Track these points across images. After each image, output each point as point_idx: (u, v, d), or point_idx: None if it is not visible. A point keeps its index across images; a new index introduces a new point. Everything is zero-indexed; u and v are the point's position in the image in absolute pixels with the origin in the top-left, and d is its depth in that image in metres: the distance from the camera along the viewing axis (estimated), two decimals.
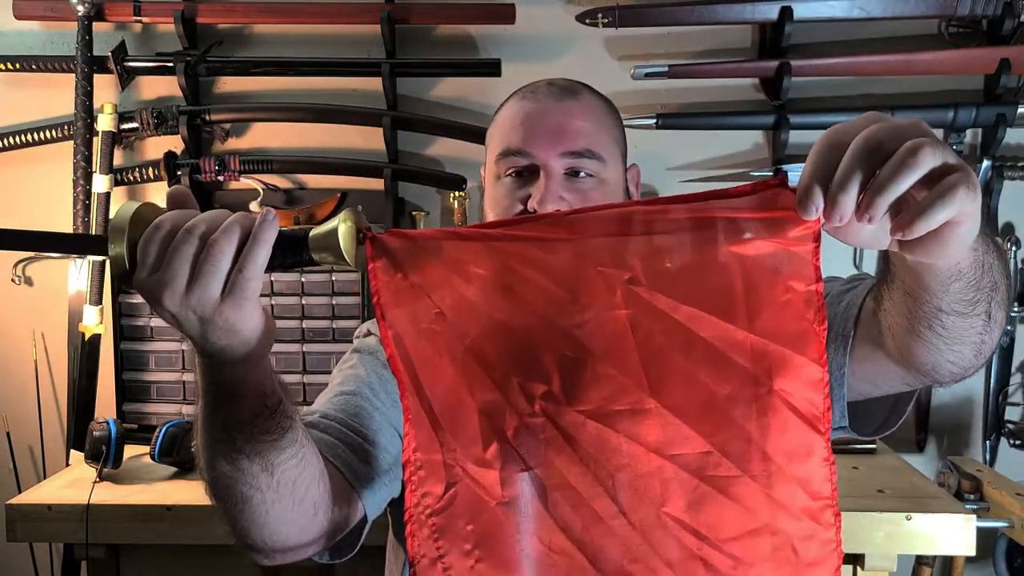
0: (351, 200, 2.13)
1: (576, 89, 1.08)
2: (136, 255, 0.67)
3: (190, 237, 0.66)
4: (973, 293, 0.71)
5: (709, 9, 2.00)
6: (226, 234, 0.66)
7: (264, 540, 0.85)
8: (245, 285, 0.66)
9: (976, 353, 0.80)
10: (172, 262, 0.66)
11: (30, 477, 2.14)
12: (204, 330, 0.69)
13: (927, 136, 0.58)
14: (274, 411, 0.76)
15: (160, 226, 0.67)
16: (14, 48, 2.13)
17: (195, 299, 0.66)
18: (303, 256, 0.70)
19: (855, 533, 1.61)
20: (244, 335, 0.70)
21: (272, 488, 0.80)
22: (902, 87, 2.07)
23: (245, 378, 0.73)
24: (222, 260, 0.65)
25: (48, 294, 2.16)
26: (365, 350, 1.10)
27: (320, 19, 2.07)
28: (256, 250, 0.66)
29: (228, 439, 0.77)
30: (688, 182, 2.12)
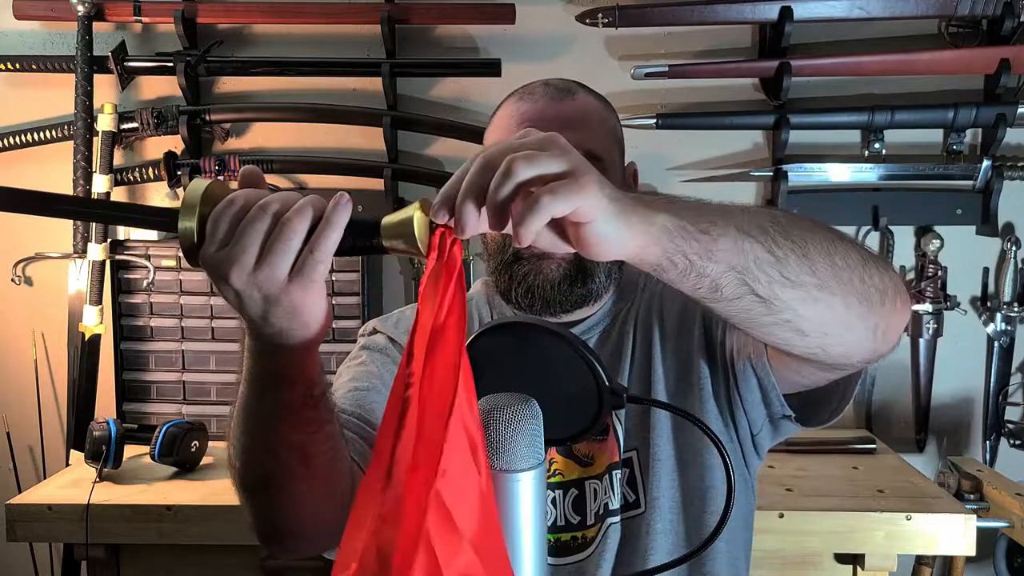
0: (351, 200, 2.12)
1: (572, 89, 1.08)
2: (205, 231, 0.67)
3: (263, 214, 0.65)
4: (704, 280, 0.68)
5: (709, 9, 2.00)
6: (299, 213, 0.65)
7: (292, 532, 0.85)
8: (314, 266, 0.66)
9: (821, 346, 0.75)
10: (243, 237, 0.65)
11: (30, 477, 2.14)
12: (266, 310, 0.68)
13: (541, 150, 0.61)
14: (318, 402, 0.76)
15: (233, 201, 0.66)
16: (14, 48, 2.13)
17: (262, 276, 0.65)
18: (373, 242, 0.69)
19: (855, 533, 1.62)
20: (305, 318, 0.69)
21: (307, 479, 0.79)
22: (902, 87, 2.07)
23: (297, 364, 0.72)
24: (294, 239, 0.65)
25: (48, 294, 2.16)
26: (374, 347, 1.10)
27: (320, 19, 2.07)
28: (328, 232, 0.66)
29: (270, 428, 0.76)
30: (688, 182, 2.12)
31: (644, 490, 1.04)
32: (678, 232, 0.66)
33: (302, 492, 0.80)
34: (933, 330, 2.10)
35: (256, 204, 0.66)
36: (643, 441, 1.05)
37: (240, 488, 0.82)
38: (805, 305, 0.72)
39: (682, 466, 1.04)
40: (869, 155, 2.06)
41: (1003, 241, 2.09)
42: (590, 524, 1.04)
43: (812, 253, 0.71)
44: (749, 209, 0.72)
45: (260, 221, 0.65)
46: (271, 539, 0.86)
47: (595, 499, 1.04)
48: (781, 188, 2.04)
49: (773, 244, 0.69)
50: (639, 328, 1.09)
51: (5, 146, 2.11)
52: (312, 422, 0.76)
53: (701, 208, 0.69)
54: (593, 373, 0.74)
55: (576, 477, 1.05)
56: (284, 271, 0.65)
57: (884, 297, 0.76)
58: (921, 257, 2.11)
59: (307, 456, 0.78)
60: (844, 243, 0.75)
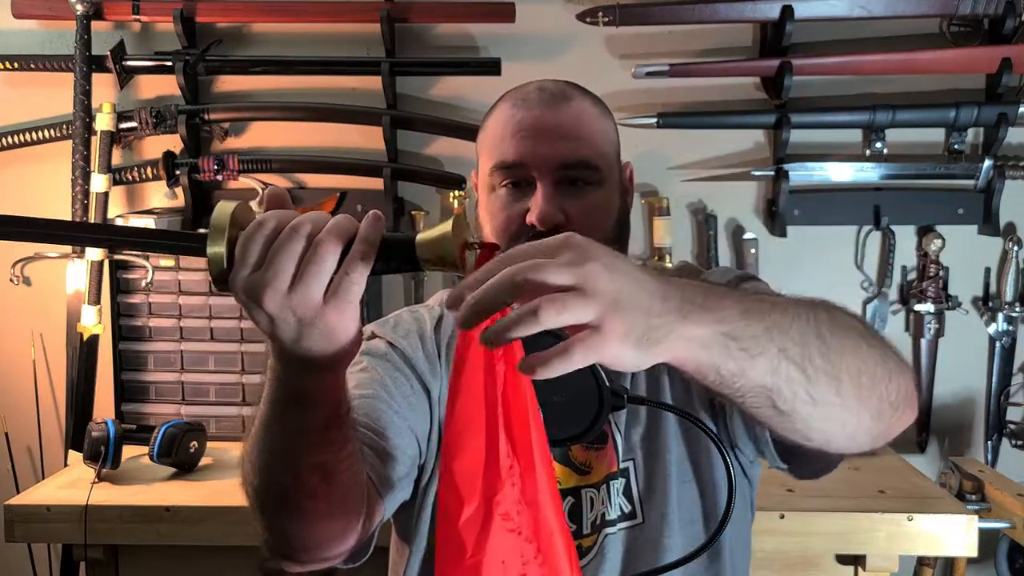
0: (351, 200, 2.12)
1: (568, 94, 1.06)
2: (234, 254, 0.66)
3: (296, 236, 0.64)
4: (730, 390, 0.66)
5: (710, 8, 2.00)
6: (333, 234, 0.64)
7: (307, 548, 0.84)
8: (350, 288, 0.65)
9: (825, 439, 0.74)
10: (276, 260, 0.64)
11: (29, 477, 2.14)
12: (300, 333, 0.66)
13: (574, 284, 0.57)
14: (342, 421, 0.75)
15: (264, 224, 0.65)
16: (13, 47, 2.13)
17: (297, 299, 0.64)
18: (408, 260, 0.68)
19: (856, 534, 1.61)
20: (340, 340, 0.68)
21: (328, 497, 0.79)
22: (903, 86, 2.07)
23: (327, 385, 0.72)
24: (328, 260, 0.64)
25: (47, 294, 2.16)
26: (375, 353, 1.08)
27: (320, 18, 2.06)
28: (363, 252, 0.65)
29: (293, 447, 0.75)
30: (689, 181, 2.12)
31: (641, 502, 1.03)
32: (715, 348, 0.62)
33: (321, 510, 0.80)
34: (934, 330, 2.09)
35: (288, 226, 0.65)
36: (647, 453, 1.04)
37: (257, 506, 0.81)
38: (820, 420, 0.71)
39: (690, 483, 1.03)
40: (870, 154, 2.06)
41: (1005, 241, 2.09)
42: (586, 533, 1.03)
43: (843, 374, 0.69)
44: (796, 315, 0.68)
45: (293, 243, 0.64)
46: (284, 555, 0.85)
47: (592, 508, 1.03)
48: (782, 187, 2.03)
49: (808, 364, 0.67)
50: None
51: (4, 146, 2.11)
52: (336, 442, 0.76)
53: (747, 316, 0.64)
54: (593, 374, 0.74)
55: (573, 485, 1.04)
56: (319, 294, 0.64)
57: (895, 412, 0.75)
58: (922, 257, 2.10)
59: (329, 475, 0.77)
60: (874, 354, 0.73)
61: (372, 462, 0.93)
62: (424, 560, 1.05)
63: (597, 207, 1.04)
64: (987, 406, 2.13)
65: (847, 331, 0.71)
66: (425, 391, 1.05)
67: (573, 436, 0.77)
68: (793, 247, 2.09)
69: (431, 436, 1.05)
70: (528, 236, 1.01)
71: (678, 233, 2.10)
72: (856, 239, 2.12)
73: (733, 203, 2.13)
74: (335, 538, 0.84)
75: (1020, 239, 2.08)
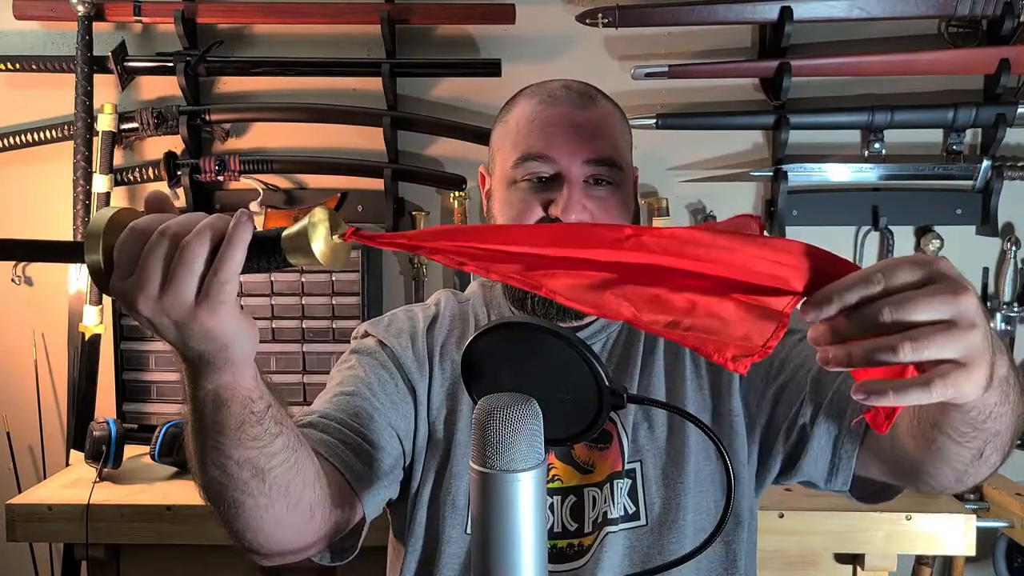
0: (351, 200, 2.13)
1: (593, 95, 1.08)
2: (113, 260, 0.66)
3: (163, 240, 0.65)
4: (970, 429, 0.72)
5: (709, 9, 2.00)
6: (199, 236, 0.65)
7: (261, 543, 0.85)
8: (220, 288, 0.65)
9: (957, 480, 0.82)
10: (145, 265, 0.65)
11: (30, 477, 2.14)
12: (181, 335, 0.68)
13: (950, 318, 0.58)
14: (262, 417, 0.76)
15: (135, 229, 0.66)
16: (14, 48, 2.13)
17: (169, 303, 0.65)
18: (277, 257, 0.68)
19: (855, 533, 1.62)
20: (222, 340, 0.68)
21: (264, 493, 0.80)
22: (902, 87, 2.07)
23: (229, 384, 0.72)
24: (195, 262, 0.64)
25: (48, 294, 2.16)
26: (364, 351, 1.10)
27: (320, 19, 2.07)
28: (231, 252, 0.65)
29: (216, 445, 0.76)
30: (688, 182, 2.12)
31: (646, 504, 1.03)
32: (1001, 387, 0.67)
33: (261, 505, 0.81)
34: None
35: (157, 230, 0.65)
36: (665, 459, 1.04)
37: (207, 503, 0.83)
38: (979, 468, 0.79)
39: (707, 493, 1.04)
40: (869, 155, 2.06)
41: (1003, 241, 2.09)
42: (587, 532, 1.03)
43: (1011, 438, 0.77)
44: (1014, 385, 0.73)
45: (161, 247, 0.64)
46: (244, 549, 0.87)
47: (594, 507, 1.04)
48: (781, 188, 2.04)
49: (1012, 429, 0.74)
50: (647, 336, 1.09)
51: (5, 146, 2.11)
52: (259, 437, 0.76)
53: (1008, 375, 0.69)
54: (593, 374, 0.74)
55: (575, 484, 1.05)
56: (190, 296, 0.65)
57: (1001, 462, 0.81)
58: None
59: (260, 470, 0.78)
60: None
61: (346, 459, 0.94)
62: (420, 561, 1.06)
63: (618, 207, 1.05)
64: None
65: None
66: (411, 391, 1.06)
67: (573, 435, 0.78)
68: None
69: (416, 436, 1.06)
70: None
71: None
72: (855, 239, 2.13)
73: (732, 204, 2.13)
74: (292, 532, 0.85)
75: (1018, 239, 2.08)
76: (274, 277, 1.96)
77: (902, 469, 0.87)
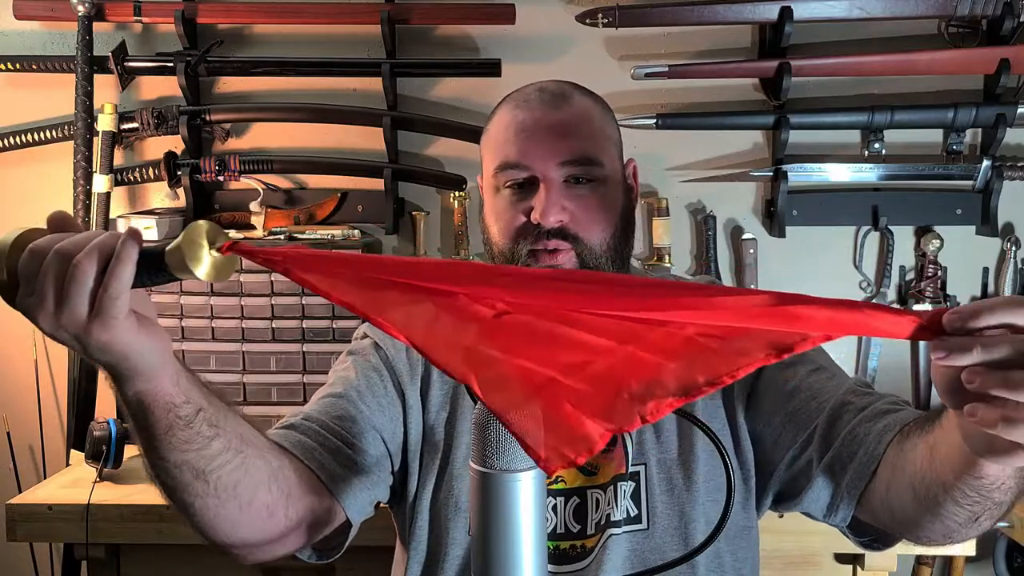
0: (351, 200, 2.13)
1: (567, 93, 1.07)
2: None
3: (56, 258, 0.67)
4: (976, 495, 0.74)
5: (709, 9, 2.00)
6: (88, 255, 0.67)
7: (222, 540, 0.87)
8: (111, 304, 0.67)
9: (945, 536, 0.83)
10: (41, 283, 0.67)
11: (30, 477, 2.14)
12: (84, 348, 0.70)
13: None
14: (190, 421, 0.77)
15: (33, 250, 0.68)
16: (14, 48, 2.13)
17: (64, 319, 0.67)
18: (162, 271, 0.69)
19: None
20: (119, 353, 0.70)
21: (210, 494, 0.81)
22: (902, 87, 2.07)
23: (147, 391, 0.74)
24: (85, 280, 0.66)
25: None
26: (359, 352, 1.10)
27: (320, 19, 2.07)
28: (119, 269, 0.66)
29: (152, 449, 0.78)
30: (688, 182, 2.13)
31: (649, 507, 1.03)
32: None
33: (210, 506, 0.82)
34: None
35: (52, 249, 0.67)
36: (675, 465, 1.04)
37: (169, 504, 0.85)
38: (969, 530, 0.81)
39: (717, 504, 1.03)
40: (869, 155, 2.06)
41: (1003, 241, 2.09)
42: (590, 534, 1.04)
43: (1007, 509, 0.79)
44: None
45: (55, 265, 0.67)
46: (213, 546, 0.89)
47: (597, 509, 1.04)
48: (781, 188, 2.04)
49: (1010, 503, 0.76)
50: None
51: (5, 146, 2.12)
52: (190, 440, 0.77)
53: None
54: None
55: (579, 485, 1.05)
56: (82, 312, 0.67)
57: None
58: (921, 257, 2.11)
59: (200, 471, 0.80)
60: None
61: (322, 460, 0.95)
62: (424, 563, 1.06)
63: (600, 203, 1.05)
64: None
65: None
66: (400, 395, 1.07)
67: None
68: (792, 247, 2.10)
69: (408, 439, 1.06)
70: (532, 234, 1.03)
71: (677, 233, 2.11)
72: (854, 239, 2.13)
73: (732, 204, 2.13)
74: (250, 531, 0.87)
75: (1018, 239, 2.08)
76: (274, 277, 1.96)
77: (895, 518, 0.88)
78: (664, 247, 2.08)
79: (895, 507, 0.86)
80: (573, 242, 1.03)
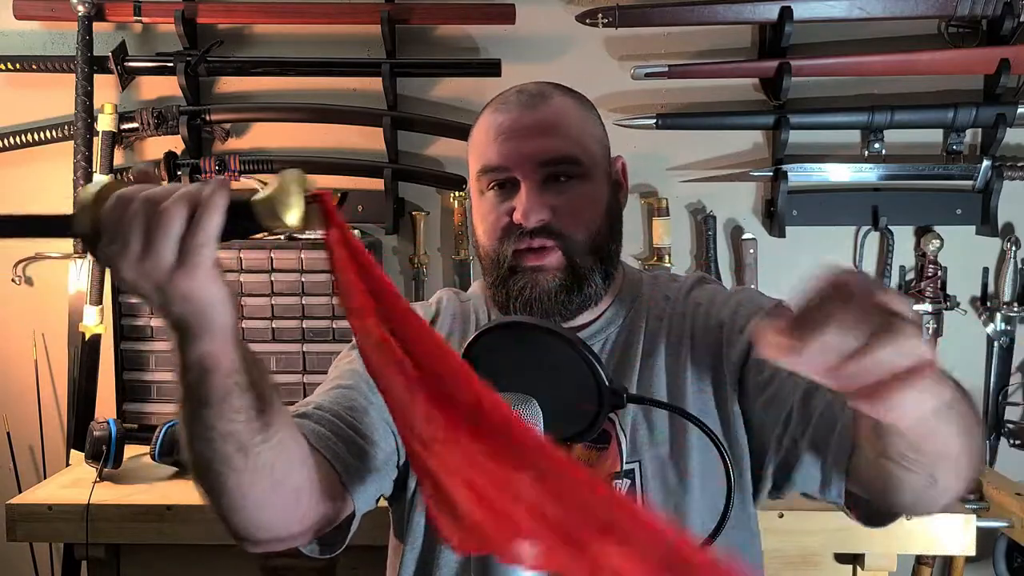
0: (351, 200, 2.13)
1: (547, 93, 1.07)
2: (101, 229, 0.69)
3: (144, 206, 0.67)
4: (912, 453, 0.74)
5: (709, 9, 2.00)
6: (177, 201, 0.66)
7: (244, 524, 0.86)
8: (198, 251, 0.66)
9: (915, 504, 0.84)
10: (128, 230, 0.67)
11: (30, 477, 2.14)
12: (163, 299, 0.69)
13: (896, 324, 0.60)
14: (245, 390, 0.76)
15: (120, 198, 0.68)
16: (14, 48, 2.13)
17: (149, 266, 0.67)
18: (251, 221, 0.69)
19: (854, 533, 1.62)
20: (199, 305, 0.70)
21: (247, 469, 0.80)
22: (902, 87, 2.07)
23: (211, 352, 0.73)
24: (172, 225, 0.66)
25: (48, 294, 2.16)
26: None
27: (320, 19, 2.07)
28: (207, 216, 0.66)
29: (201, 418, 0.77)
30: (688, 182, 2.12)
31: (645, 504, 1.03)
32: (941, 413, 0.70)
33: (244, 483, 0.81)
34: (933, 330, 2.10)
35: (139, 197, 0.67)
36: (668, 460, 1.04)
37: (195, 482, 0.83)
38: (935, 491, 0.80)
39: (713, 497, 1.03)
40: (869, 155, 2.06)
41: (1003, 241, 2.09)
42: None
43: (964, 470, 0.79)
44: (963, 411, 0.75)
45: (142, 213, 0.67)
46: (232, 532, 0.87)
47: None
48: (781, 188, 2.04)
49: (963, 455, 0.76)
50: (646, 337, 1.09)
51: (5, 146, 2.11)
52: (242, 410, 0.77)
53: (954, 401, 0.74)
54: (593, 373, 0.74)
55: None
56: (168, 259, 0.66)
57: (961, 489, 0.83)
58: (921, 257, 2.11)
59: (244, 446, 0.78)
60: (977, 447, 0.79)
61: (337, 450, 0.95)
62: (419, 559, 1.06)
63: (583, 201, 1.05)
64: (985, 406, 2.13)
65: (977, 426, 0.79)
66: None
67: (573, 435, 0.78)
68: (792, 247, 2.10)
69: None
70: (516, 234, 1.03)
71: (677, 233, 2.11)
72: (854, 239, 2.13)
73: (732, 203, 2.13)
74: (275, 515, 0.86)
75: (1018, 239, 2.08)
76: (274, 277, 1.96)
77: (876, 488, 0.89)
78: (664, 247, 2.08)
79: (874, 477, 0.86)
80: (558, 239, 1.03)
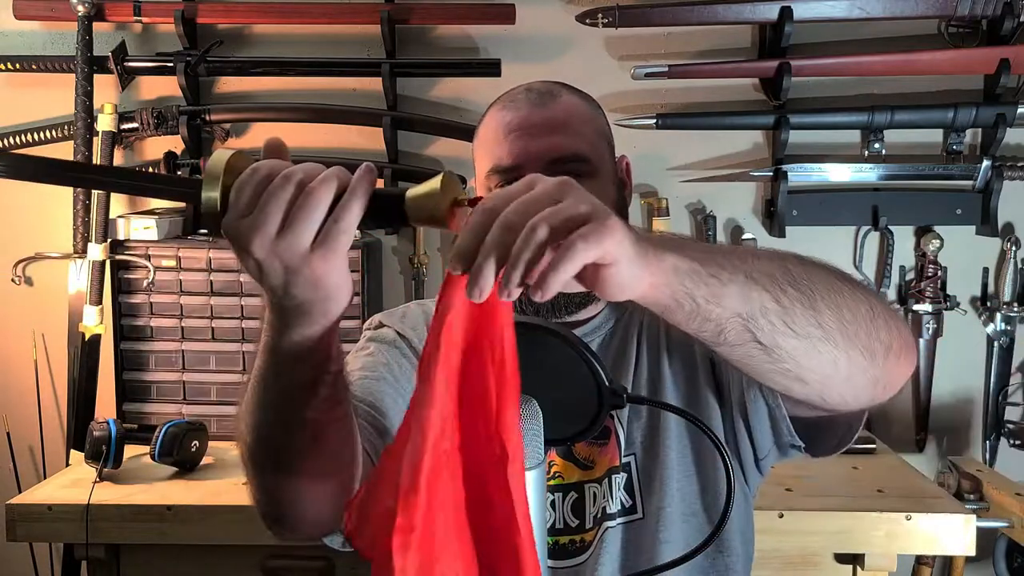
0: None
1: (555, 92, 1.07)
2: (227, 201, 0.67)
3: (287, 183, 0.65)
4: (709, 324, 0.69)
5: (709, 9, 2.00)
6: (324, 183, 0.65)
7: (297, 512, 0.84)
8: (338, 236, 0.65)
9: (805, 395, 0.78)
10: (266, 206, 0.64)
11: (30, 477, 2.14)
12: (287, 281, 0.67)
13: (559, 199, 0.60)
14: (335, 380, 0.76)
15: (257, 170, 0.66)
16: (14, 48, 2.13)
17: (284, 245, 0.65)
18: (397, 215, 0.68)
19: (855, 533, 1.62)
20: (327, 290, 0.68)
21: (317, 458, 0.79)
22: (902, 87, 2.07)
23: (316, 339, 0.72)
24: (318, 207, 0.64)
25: (48, 294, 2.16)
26: (382, 340, 1.09)
27: (320, 19, 2.07)
28: (353, 202, 0.65)
29: (284, 403, 0.76)
30: (688, 182, 2.13)
31: (642, 497, 1.04)
32: (688, 274, 0.66)
33: (310, 470, 0.80)
34: (933, 330, 2.10)
35: (280, 173, 0.65)
36: (647, 448, 1.05)
37: (249, 463, 0.81)
38: (807, 356, 0.73)
39: (692, 477, 1.04)
40: (869, 155, 2.06)
41: (1003, 241, 2.09)
42: (588, 528, 1.04)
43: (820, 305, 0.72)
44: (760, 255, 0.72)
45: (284, 190, 0.64)
46: (275, 518, 0.86)
47: (594, 503, 1.04)
48: (781, 188, 2.04)
49: (781, 293, 0.70)
50: (644, 333, 1.09)
51: (5, 146, 2.11)
52: (326, 400, 0.76)
53: (712, 252, 0.70)
54: (593, 373, 0.74)
55: (576, 480, 1.05)
56: (307, 240, 0.65)
57: (888, 352, 0.77)
58: (921, 257, 2.11)
59: (318, 434, 0.78)
60: (855, 295, 0.75)
61: (372, 440, 0.94)
62: None
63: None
64: (985, 406, 2.13)
65: (818, 269, 0.75)
66: None
67: (573, 435, 0.78)
68: (792, 247, 2.07)
69: None
70: None
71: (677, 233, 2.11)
72: (854, 239, 2.13)
73: (732, 203, 2.13)
74: (324, 504, 0.85)
75: (1018, 239, 2.08)
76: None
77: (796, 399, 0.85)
78: None
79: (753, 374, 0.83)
80: None
